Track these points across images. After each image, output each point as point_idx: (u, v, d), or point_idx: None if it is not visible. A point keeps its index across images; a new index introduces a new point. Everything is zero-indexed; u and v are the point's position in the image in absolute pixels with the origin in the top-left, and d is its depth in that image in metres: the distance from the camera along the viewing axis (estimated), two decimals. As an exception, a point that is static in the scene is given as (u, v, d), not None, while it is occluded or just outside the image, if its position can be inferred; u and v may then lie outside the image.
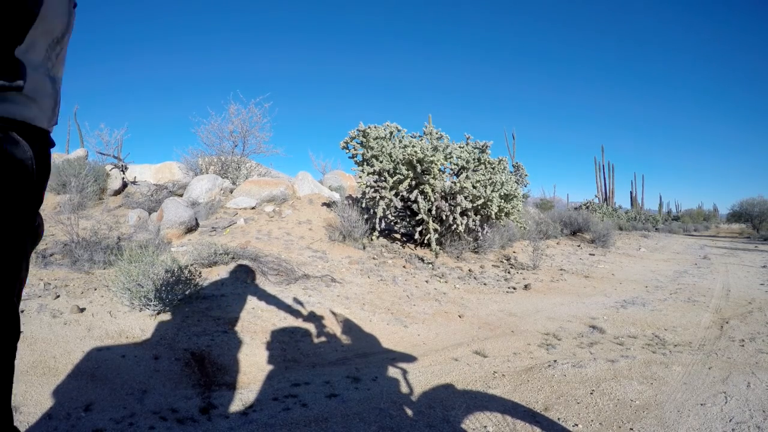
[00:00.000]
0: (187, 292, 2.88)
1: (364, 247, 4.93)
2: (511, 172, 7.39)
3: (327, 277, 3.86)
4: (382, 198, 5.15)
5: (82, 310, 2.70)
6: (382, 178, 5.28)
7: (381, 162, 5.15)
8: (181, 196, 5.81)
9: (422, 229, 5.39)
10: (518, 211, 5.76)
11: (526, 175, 11.87)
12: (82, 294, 2.94)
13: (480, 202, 5.22)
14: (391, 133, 5.53)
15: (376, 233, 5.16)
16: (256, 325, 2.85)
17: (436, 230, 5.35)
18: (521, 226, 5.94)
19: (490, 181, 5.37)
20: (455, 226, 5.30)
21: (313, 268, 4.08)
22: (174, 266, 2.90)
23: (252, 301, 3.17)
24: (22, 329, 2.38)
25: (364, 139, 5.38)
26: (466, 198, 5.21)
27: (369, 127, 5.42)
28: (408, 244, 5.69)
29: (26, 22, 0.52)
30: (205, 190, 5.78)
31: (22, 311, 2.58)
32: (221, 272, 3.52)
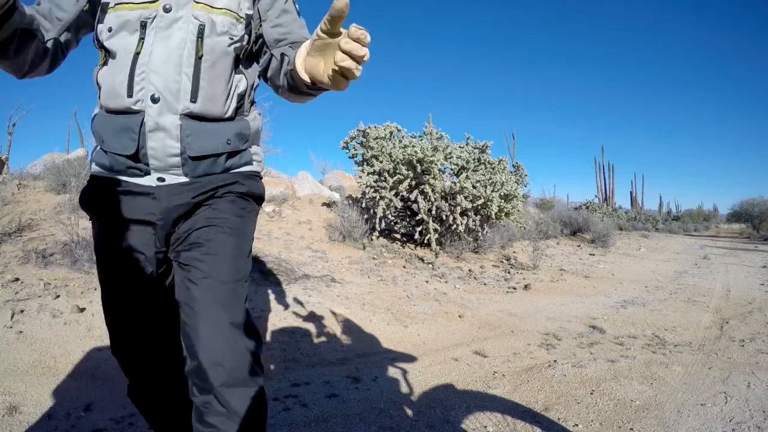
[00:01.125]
0: (187, 292, 2.88)
1: (364, 247, 4.93)
2: (511, 172, 7.38)
3: (327, 277, 3.86)
4: (382, 198, 5.15)
5: (82, 310, 2.70)
6: (382, 178, 5.28)
7: (381, 162, 5.15)
8: (181, 196, 5.81)
9: (422, 229, 5.39)
10: (518, 211, 5.76)
11: (526, 175, 11.86)
12: (82, 294, 2.94)
13: (480, 202, 5.22)
14: (391, 133, 5.53)
15: (376, 233, 5.16)
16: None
17: (436, 230, 5.35)
18: (521, 226, 5.95)
19: (490, 181, 5.37)
20: (455, 226, 5.30)
21: (313, 268, 4.08)
22: (174, 266, 2.90)
23: (252, 301, 3.17)
24: (22, 329, 2.39)
25: (364, 139, 5.38)
26: (466, 198, 5.21)
27: (369, 127, 5.42)
28: (408, 244, 5.69)
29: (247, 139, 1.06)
30: (205, 190, 5.78)
31: (22, 311, 2.58)
32: (221, 272, 3.52)
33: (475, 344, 2.85)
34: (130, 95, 0.90)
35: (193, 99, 0.92)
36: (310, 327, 2.93)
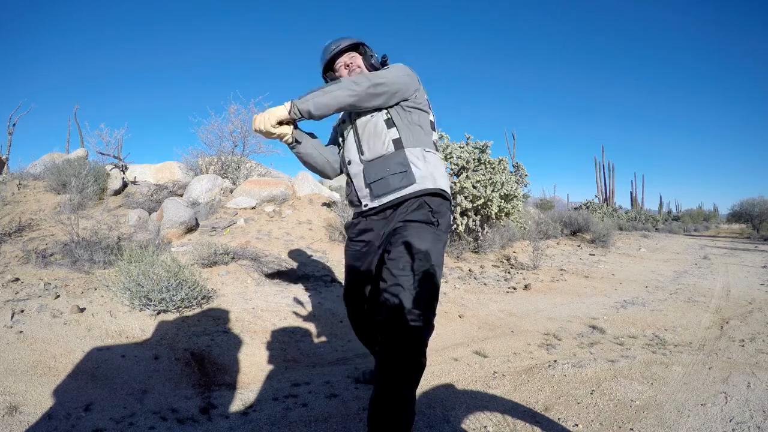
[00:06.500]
0: (187, 292, 2.88)
1: (364, 247, 4.92)
2: (511, 172, 7.37)
3: (327, 277, 3.86)
4: (382, 198, 5.13)
5: (82, 309, 2.70)
6: (382, 178, 5.26)
7: (381, 162, 5.13)
8: (181, 196, 5.81)
9: (422, 229, 5.38)
10: (518, 211, 5.76)
11: (526, 175, 11.82)
12: (82, 294, 2.94)
13: (480, 202, 5.22)
14: (391, 133, 5.52)
15: (376, 233, 5.15)
16: (256, 325, 2.85)
17: (436, 230, 5.35)
18: (521, 226, 5.94)
19: (490, 181, 5.37)
20: (455, 226, 5.30)
21: (313, 268, 4.08)
22: (174, 266, 2.90)
23: (252, 301, 3.17)
24: (22, 329, 2.39)
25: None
26: (466, 198, 5.21)
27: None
28: (408, 244, 5.68)
29: None
30: (205, 190, 5.78)
31: (22, 311, 2.58)
32: (221, 272, 3.52)
33: (475, 344, 2.85)
34: None
35: None
36: (310, 327, 2.94)
